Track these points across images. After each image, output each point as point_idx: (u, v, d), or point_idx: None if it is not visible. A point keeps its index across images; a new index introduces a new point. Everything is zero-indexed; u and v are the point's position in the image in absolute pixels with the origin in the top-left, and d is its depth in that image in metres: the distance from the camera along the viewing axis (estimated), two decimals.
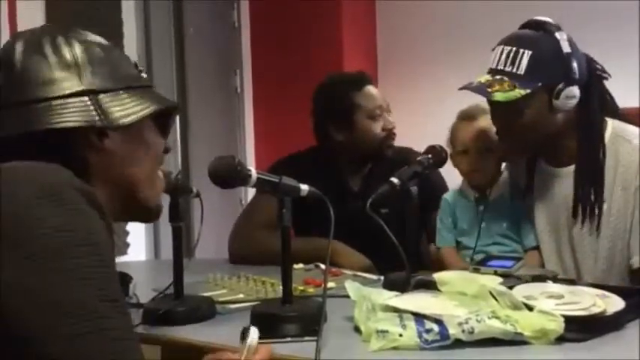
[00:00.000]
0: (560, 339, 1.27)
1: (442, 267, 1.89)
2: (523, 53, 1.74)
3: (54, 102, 1.04)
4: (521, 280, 1.52)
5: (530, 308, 1.32)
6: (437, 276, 1.48)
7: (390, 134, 2.31)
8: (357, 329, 1.37)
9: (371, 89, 2.34)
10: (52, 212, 0.86)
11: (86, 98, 1.05)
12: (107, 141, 1.06)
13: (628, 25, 3.64)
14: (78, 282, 0.84)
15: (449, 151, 1.92)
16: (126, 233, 3.28)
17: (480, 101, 1.92)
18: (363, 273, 1.96)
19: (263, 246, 2.11)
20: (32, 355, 0.81)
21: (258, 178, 1.40)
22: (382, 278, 1.79)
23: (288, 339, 1.36)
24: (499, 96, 1.73)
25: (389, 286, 1.59)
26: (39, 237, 0.84)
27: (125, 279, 1.75)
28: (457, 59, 3.88)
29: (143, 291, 1.72)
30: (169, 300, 1.59)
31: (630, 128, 1.83)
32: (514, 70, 1.74)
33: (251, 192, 2.66)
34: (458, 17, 4.07)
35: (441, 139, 1.94)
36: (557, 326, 1.26)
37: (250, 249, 2.22)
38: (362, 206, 1.68)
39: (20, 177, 0.90)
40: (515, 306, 1.32)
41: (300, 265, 2.01)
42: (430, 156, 1.80)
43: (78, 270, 0.85)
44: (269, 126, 4.26)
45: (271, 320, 1.40)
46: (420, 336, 1.26)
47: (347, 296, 1.46)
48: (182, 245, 1.62)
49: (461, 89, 1.80)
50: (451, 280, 1.44)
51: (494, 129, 1.91)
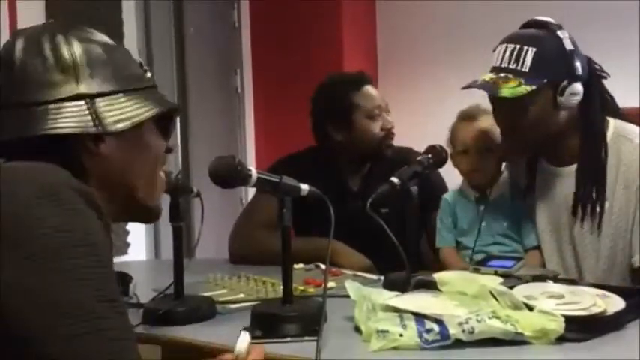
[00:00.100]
0: (560, 339, 1.27)
1: (442, 267, 1.89)
2: (527, 50, 1.74)
3: (50, 106, 1.03)
4: (521, 280, 1.52)
5: (530, 308, 1.32)
6: (437, 276, 1.48)
7: (389, 134, 2.31)
8: (358, 329, 1.37)
9: (370, 89, 2.33)
10: (52, 212, 0.86)
11: (82, 103, 1.04)
12: (103, 146, 1.05)
13: (628, 25, 3.64)
14: (76, 282, 0.84)
15: (449, 152, 1.92)
16: (126, 233, 3.27)
17: (480, 101, 1.92)
18: (364, 273, 1.96)
19: (263, 246, 2.11)
20: (31, 355, 0.82)
21: (258, 178, 1.40)
22: (382, 278, 1.79)
23: (288, 339, 1.36)
24: (506, 92, 1.72)
25: (389, 286, 1.59)
26: (38, 237, 0.84)
27: (125, 279, 1.75)
28: (457, 59, 3.89)
29: (143, 291, 1.72)
30: (169, 300, 1.59)
31: (632, 128, 1.83)
32: (519, 68, 1.74)
33: (251, 192, 2.66)
34: (458, 17, 4.08)
35: (441, 139, 1.94)
36: (557, 326, 1.26)
37: (250, 249, 2.22)
38: (362, 206, 1.68)
39: (20, 177, 0.90)
40: (515, 306, 1.32)
41: (300, 265, 2.01)
42: (430, 156, 1.80)
43: (76, 270, 0.85)
44: (269, 126, 4.26)
45: (271, 320, 1.40)
46: (421, 336, 1.26)
47: (347, 296, 1.46)
48: (182, 245, 1.62)
49: (464, 88, 1.79)
50: (451, 280, 1.44)
51: (494, 129, 1.91)
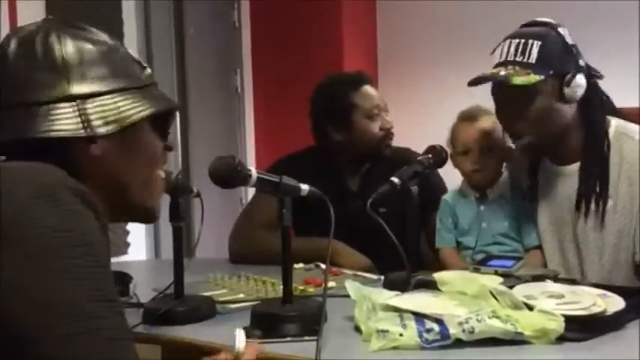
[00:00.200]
0: (560, 339, 1.27)
1: (442, 267, 1.89)
2: (532, 44, 1.75)
3: (41, 108, 1.02)
4: (521, 280, 1.52)
5: (530, 308, 1.32)
6: (437, 276, 1.48)
7: (388, 134, 2.31)
8: (358, 329, 1.37)
9: (368, 89, 2.33)
10: (49, 212, 0.86)
11: (72, 104, 1.03)
12: (94, 147, 1.04)
13: (628, 25, 3.64)
14: (73, 282, 0.84)
15: (449, 152, 1.92)
16: (126, 233, 3.27)
17: (480, 102, 1.92)
18: (364, 273, 1.96)
19: (263, 246, 2.11)
20: (27, 356, 0.81)
21: (258, 178, 1.40)
22: (382, 278, 1.79)
23: (288, 339, 1.36)
24: (517, 80, 1.72)
25: (389, 286, 1.59)
26: (35, 237, 0.84)
27: (125, 279, 1.75)
28: (457, 59, 3.89)
29: (143, 291, 1.72)
30: (169, 300, 1.58)
31: (633, 126, 1.84)
32: (525, 60, 1.75)
33: (251, 192, 2.66)
34: (458, 17, 4.08)
35: (441, 139, 1.94)
36: (557, 326, 1.26)
37: (250, 249, 2.22)
38: (362, 206, 1.68)
39: (17, 177, 0.90)
40: (515, 306, 1.32)
41: (300, 265, 2.01)
42: (430, 156, 1.80)
43: (73, 270, 0.85)
44: (269, 126, 4.26)
45: (272, 320, 1.40)
46: (421, 336, 1.26)
47: (347, 296, 1.46)
48: (182, 245, 1.61)
49: (472, 84, 1.79)
50: (451, 280, 1.44)
51: (495, 129, 1.92)
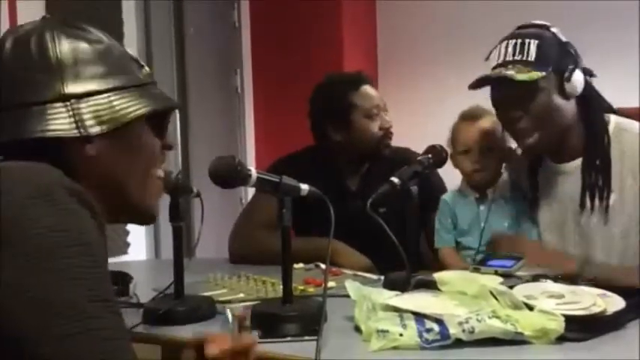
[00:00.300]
0: (560, 339, 1.27)
1: (442, 267, 1.89)
2: (530, 42, 1.77)
3: (35, 108, 1.02)
4: (521, 280, 1.52)
5: (530, 308, 1.32)
6: (437, 276, 1.48)
7: (387, 133, 2.31)
8: (358, 329, 1.37)
9: (368, 89, 2.34)
10: (46, 212, 0.86)
11: (66, 104, 1.03)
12: (89, 146, 1.04)
13: (628, 25, 3.64)
14: (69, 282, 0.84)
15: (449, 152, 1.92)
16: (126, 233, 3.27)
17: (480, 102, 1.92)
18: (364, 273, 1.96)
19: (263, 246, 2.11)
20: (26, 356, 0.81)
21: (258, 178, 1.40)
22: (382, 278, 1.79)
23: (288, 339, 1.36)
24: (521, 76, 1.73)
25: (389, 286, 1.59)
26: (32, 237, 0.84)
27: (125, 279, 1.75)
28: (457, 59, 3.89)
29: (143, 291, 1.72)
30: (169, 300, 1.58)
31: (632, 121, 1.86)
32: (524, 58, 1.76)
33: (251, 192, 2.66)
34: (458, 17, 4.08)
35: (441, 139, 1.94)
36: (557, 326, 1.26)
37: (250, 249, 2.22)
38: (362, 206, 1.68)
39: (17, 177, 0.90)
40: (515, 306, 1.32)
41: (300, 265, 2.01)
42: (430, 156, 1.80)
43: (69, 270, 0.85)
44: (269, 126, 4.26)
45: (272, 320, 1.40)
46: (421, 335, 1.26)
47: (347, 296, 1.46)
48: (182, 245, 1.61)
49: (473, 86, 1.80)
50: (451, 280, 1.44)
51: (496, 129, 1.92)
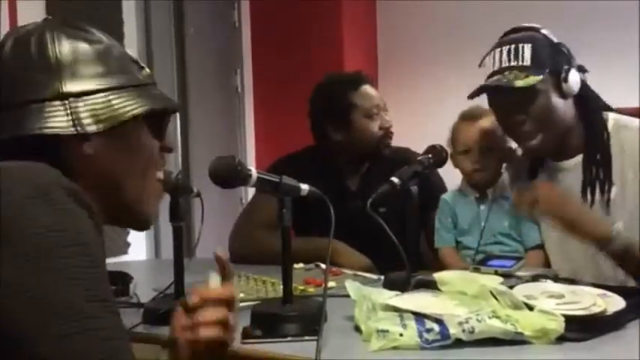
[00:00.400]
0: (560, 339, 1.27)
1: (442, 267, 1.89)
2: (523, 47, 1.77)
3: (32, 106, 1.02)
4: (521, 280, 1.52)
5: (530, 308, 1.32)
6: (437, 276, 1.48)
7: (388, 133, 2.31)
8: (358, 329, 1.37)
9: (367, 88, 2.34)
10: (43, 212, 0.86)
11: (63, 102, 1.03)
12: (87, 146, 1.03)
13: (628, 25, 3.64)
14: (67, 282, 0.84)
15: (449, 151, 1.92)
16: (126, 233, 3.27)
17: (480, 102, 1.92)
18: (364, 272, 1.96)
19: (263, 246, 2.11)
20: (22, 356, 0.81)
21: (258, 178, 1.40)
22: (382, 278, 1.79)
23: (288, 338, 1.36)
24: (519, 82, 1.74)
25: (389, 286, 1.59)
26: (31, 236, 0.84)
27: (125, 279, 1.75)
28: (457, 59, 3.88)
29: (143, 290, 1.72)
30: (170, 300, 1.58)
31: (630, 118, 1.86)
32: (520, 63, 1.77)
33: (251, 192, 2.66)
34: (458, 17, 4.08)
35: (441, 139, 1.94)
36: (557, 326, 1.26)
37: (250, 249, 2.22)
38: (362, 206, 1.68)
39: (16, 177, 0.90)
40: (515, 306, 1.32)
41: (300, 265, 2.01)
42: (430, 156, 1.80)
43: (67, 270, 0.85)
44: (269, 126, 4.26)
45: (272, 320, 1.40)
46: (421, 335, 1.26)
47: (347, 296, 1.46)
48: (182, 245, 1.61)
49: (472, 96, 1.82)
50: (451, 280, 1.44)
51: (496, 129, 1.92)
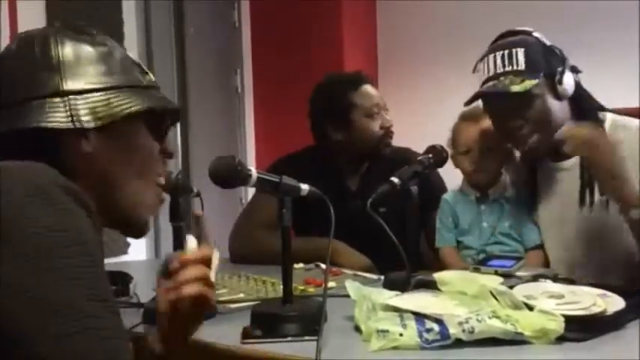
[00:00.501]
0: (560, 339, 1.27)
1: (442, 267, 1.89)
2: (517, 52, 1.78)
3: (34, 102, 1.03)
4: (521, 280, 1.52)
5: (530, 308, 1.32)
6: (437, 276, 1.48)
7: (388, 132, 2.31)
8: (358, 329, 1.37)
9: (368, 88, 2.34)
10: (43, 212, 0.86)
11: (63, 100, 1.03)
12: (85, 143, 1.04)
13: (628, 25, 3.63)
14: (68, 282, 0.84)
15: (450, 152, 1.92)
16: None
17: (481, 103, 1.92)
18: (364, 273, 1.96)
19: (263, 246, 2.11)
20: (22, 356, 0.81)
21: (258, 178, 1.40)
22: (382, 278, 1.79)
23: (288, 338, 1.36)
24: (516, 88, 1.74)
25: (389, 286, 1.59)
26: (31, 236, 0.84)
27: (125, 279, 1.75)
28: (457, 59, 3.85)
29: (143, 290, 1.72)
30: None
31: (628, 118, 1.86)
32: (515, 68, 1.77)
33: (251, 192, 2.66)
34: (458, 17, 4.07)
35: (441, 139, 1.94)
36: (557, 326, 1.26)
37: (250, 248, 2.22)
38: (362, 206, 1.68)
39: (15, 177, 0.90)
40: (515, 306, 1.32)
41: (300, 265, 2.01)
42: (430, 156, 1.80)
43: (68, 269, 0.85)
44: (269, 126, 4.26)
45: (272, 320, 1.40)
46: (421, 335, 1.26)
47: (347, 296, 1.46)
48: (183, 245, 1.61)
49: (469, 102, 1.83)
50: (451, 280, 1.44)
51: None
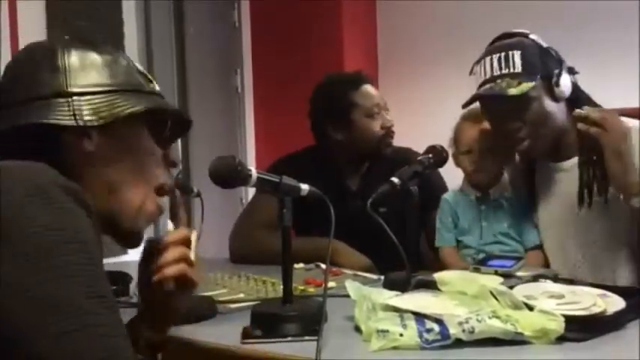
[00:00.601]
0: (560, 339, 1.27)
1: (442, 267, 1.89)
2: (513, 54, 1.78)
3: (37, 102, 1.04)
4: (521, 280, 1.52)
5: (530, 308, 1.32)
6: (437, 276, 1.48)
7: (389, 132, 2.31)
8: (358, 329, 1.36)
9: (368, 88, 2.34)
10: (42, 211, 0.87)
11: (67, 100, 1.05)
12: (87, 142, 1.05)
13: (628, 25, 3.63)
14: (67, 280, 0.85)
15: (451, 151, 1.92)
16: None
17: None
18: (364, 272, 1.96)
19: (263, 245, 2.11)
20: (23, 354, 0.82)
21: (258, 178, 1.40)
22: (382, 278, 1.79)
23: (288, 339, 1.36)
24: (513, 90, 1.75)
25: (389, 286, 1.59)
26: (30, 235, 0.85)
27: (125, 279, 1.75)
28: (457, 59, 3.85)
29: None
30: None
31: (627, 119, 1.85)
32: (511, 70, 1.77)
33: (251, 192, 2.66)
34: (458, 17, 4.07)
35: (441, 139, 1.94)
36: (557, 326, 1.26)
37: (251, 248, 2.22)
38: (362, 206, 1.68)
39: (16, 176, 0.90)
40: (515, 306, 1.32)
41: (300, 265, 2.01)
42: (431, 156, 1.80)
43: (67, 268, 0.85)
44: (269, 126, 4.26)
45: (272, 320, 1.40)
46: (421, 336, 1.26)
47: (347, 296, 1.46)
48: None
49: (466, 105, 1.83)
50: (451, 280, 1.44)
51: None
